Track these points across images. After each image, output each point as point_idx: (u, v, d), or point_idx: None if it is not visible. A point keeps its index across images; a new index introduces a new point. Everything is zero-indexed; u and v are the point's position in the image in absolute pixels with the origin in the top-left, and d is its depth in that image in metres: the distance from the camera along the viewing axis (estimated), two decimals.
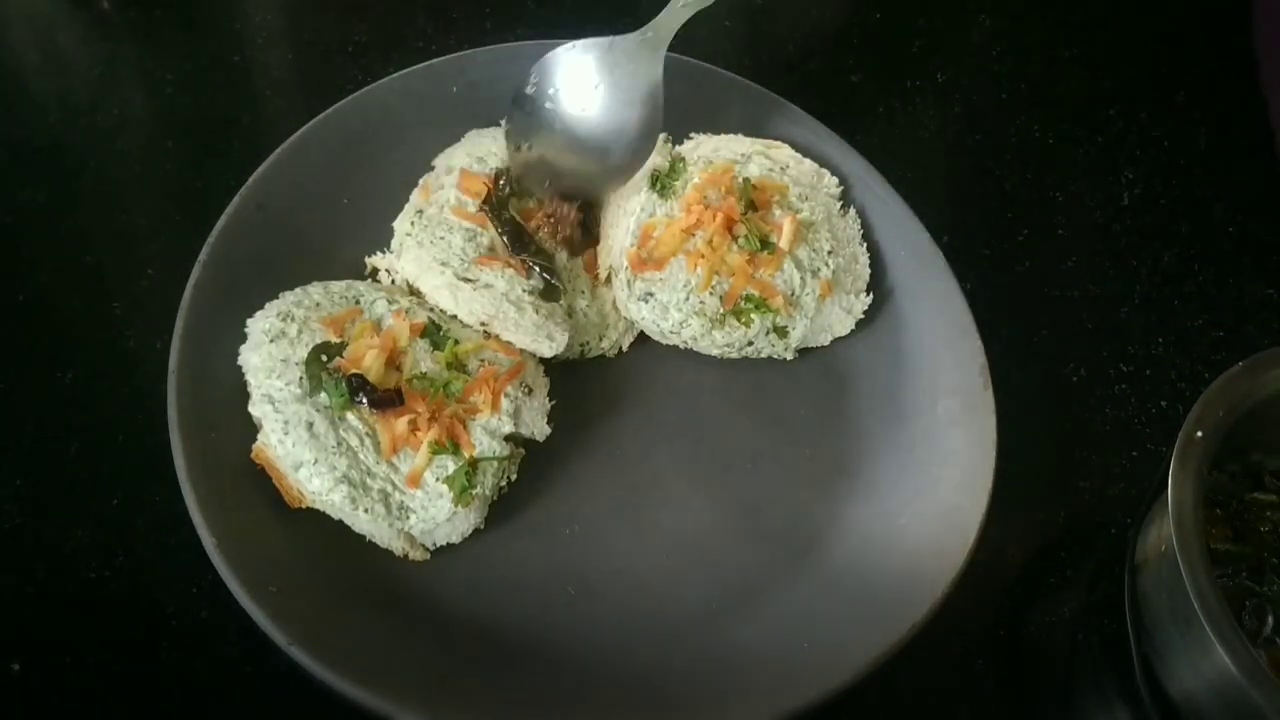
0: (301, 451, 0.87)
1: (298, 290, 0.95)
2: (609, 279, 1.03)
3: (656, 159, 1.06)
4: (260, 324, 0.92)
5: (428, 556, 0.90)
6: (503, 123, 1.07)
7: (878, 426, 1.01)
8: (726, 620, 0.90)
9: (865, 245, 1.08)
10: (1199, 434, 0.85)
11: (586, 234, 1.04)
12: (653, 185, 1.05)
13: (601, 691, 0.85)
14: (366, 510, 0.87)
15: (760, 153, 1.08)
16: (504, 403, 0.93)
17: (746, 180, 1.04)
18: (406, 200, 1.04)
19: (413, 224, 1.01)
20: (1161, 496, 0.85)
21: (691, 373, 1.03)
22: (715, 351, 1.02)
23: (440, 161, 1.06)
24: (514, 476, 0.94)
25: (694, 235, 1.01)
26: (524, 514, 0.94)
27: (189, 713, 0.86)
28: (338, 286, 0.97)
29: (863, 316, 1.05)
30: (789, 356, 1.04)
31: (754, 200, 1.03)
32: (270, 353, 0.90)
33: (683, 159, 1.07)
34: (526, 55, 1.10)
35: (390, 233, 1.03)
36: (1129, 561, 0.93)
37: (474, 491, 0.89)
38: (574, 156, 1.02)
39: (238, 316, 0.93)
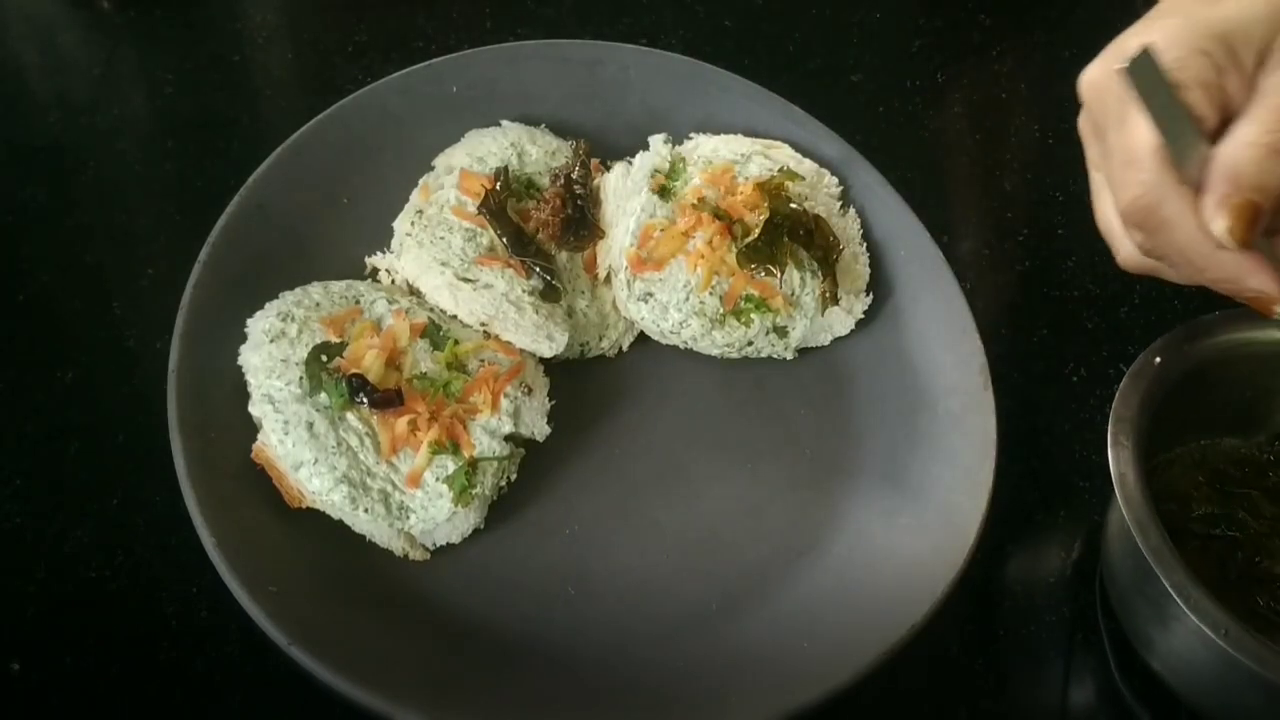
0: (301, 451, 0.87)
1: (298, 290, 0.95)
2: (609, 279, 1.03)
3: (656, 159, 1.06)
4: (260, 324, 0.92)
5: (428, 556, 0.90)
6: (503, 122, 1.07)
7: (878, 426, 1.01)
8: (727, 620, 0.90)
9: (865, 245, 1.08)
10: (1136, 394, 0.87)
11: (585, 231, 1.04)
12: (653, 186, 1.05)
13: (601, 691, 0.84)
14: (366, 510, 0.87)
15: (760, 153, 1.08)
16: (504, 403, 0.93)
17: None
18: (406, 200, 1.04)
19: (413, 224, 1.01)
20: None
21: (691, 373, 1.03)
22: (715, 351, 1.02)
23: (440, 161, 1.06)
24: (514, 476, 0.94)
25: (694, 236, 1.01)
26: (524, 514, 0.94)
27: (189, 713, 0.86)
28: (338, 286, 0.97)
29: (863, 316, 1.05)
30: (789, 356, 1.04)
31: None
32: (270, 353, 0.90)
33: (683, 159, 1.07)
34: (526, 55, 1.11)
35: (390, 233, 1.03)
36: (1102, 552, 0.94)
37: (474, 491, 0.89)
38: None
39: (238, 316, 0.92)
